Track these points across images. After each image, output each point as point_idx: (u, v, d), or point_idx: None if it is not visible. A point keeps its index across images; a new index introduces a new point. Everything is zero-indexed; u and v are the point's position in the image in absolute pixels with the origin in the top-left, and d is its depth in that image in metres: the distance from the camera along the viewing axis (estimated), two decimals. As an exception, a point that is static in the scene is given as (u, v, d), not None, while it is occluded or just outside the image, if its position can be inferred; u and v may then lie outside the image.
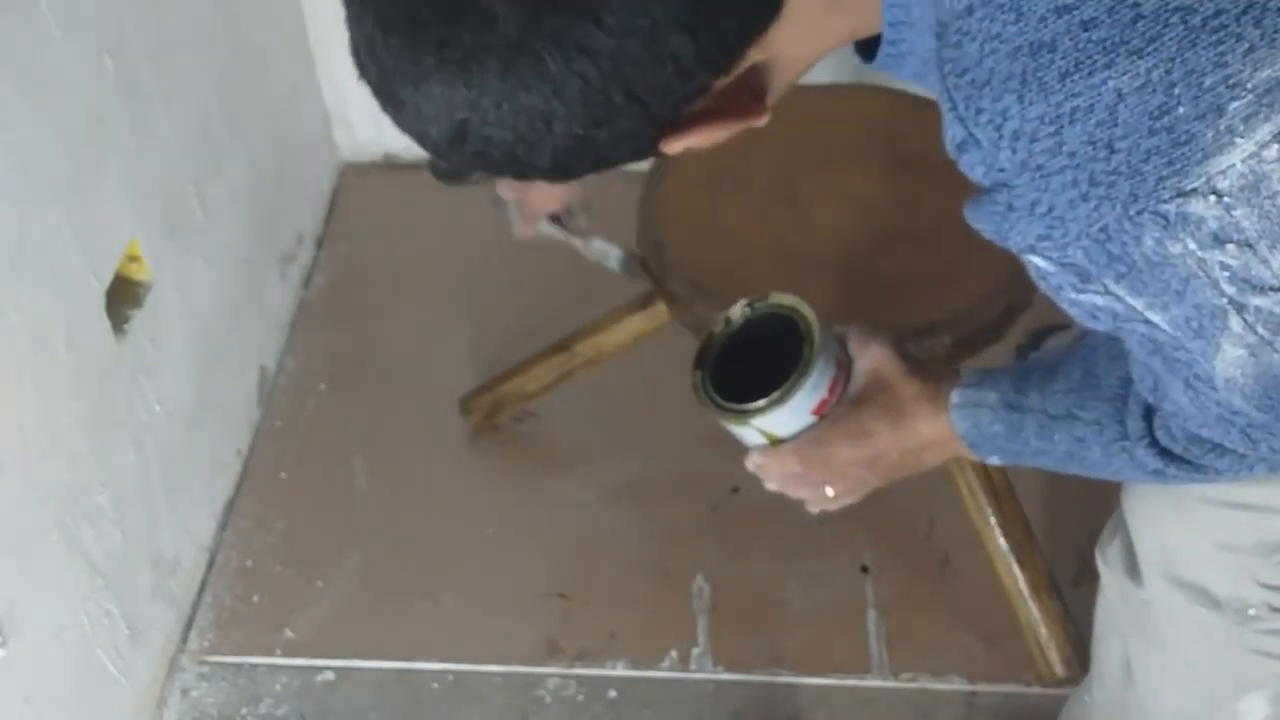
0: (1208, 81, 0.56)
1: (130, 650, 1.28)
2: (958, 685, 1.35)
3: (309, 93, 1.85)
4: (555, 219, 1.30)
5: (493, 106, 0.62)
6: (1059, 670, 1.29)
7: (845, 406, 0.91)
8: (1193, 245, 0.59)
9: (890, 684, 1.35)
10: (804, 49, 0.68)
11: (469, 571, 1.45)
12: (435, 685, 1.36)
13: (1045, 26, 0.58)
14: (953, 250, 1.22)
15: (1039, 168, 0.60)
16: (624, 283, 1.34)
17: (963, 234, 1.22)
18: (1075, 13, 0.57)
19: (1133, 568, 0.96)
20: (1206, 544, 0.89)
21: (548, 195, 1.26)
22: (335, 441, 1.59)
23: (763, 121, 0.69)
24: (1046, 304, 0.71)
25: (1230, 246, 0.59)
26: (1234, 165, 0.57)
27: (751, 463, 0.94)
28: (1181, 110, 0.57)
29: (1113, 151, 0.58)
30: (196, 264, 1.42)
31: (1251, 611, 0.90)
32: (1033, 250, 0.64)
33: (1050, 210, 0.61)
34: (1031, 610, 1.28)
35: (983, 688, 1.35)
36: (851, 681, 1.36)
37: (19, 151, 1.07)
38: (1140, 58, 0.57)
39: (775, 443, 0.91)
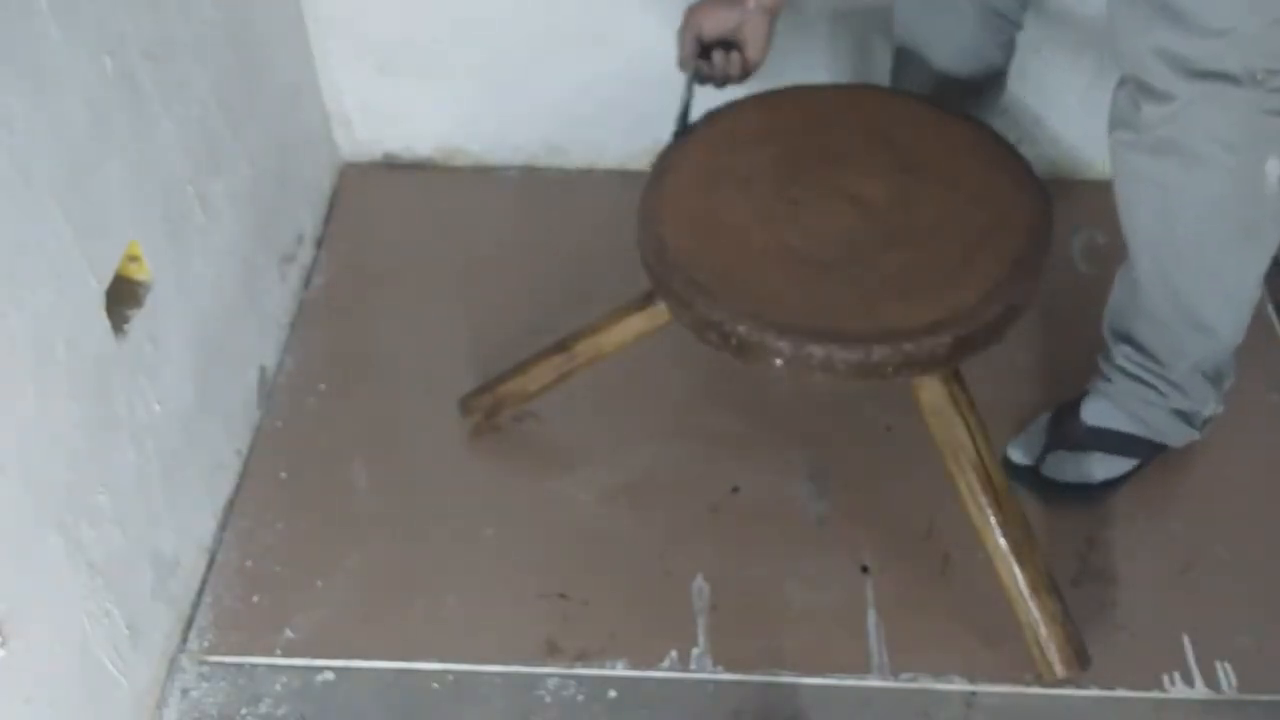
0: None
1: (130, 650, 1.28)
2: (958, 685, 1.35)
3: (309, 93, 1.85)
4: (705, 54, 1.34)
5: None
6: (1059, 670, 1.29)
7: None
8: None
9: (890, 684, 1.35)
10: None
11: (469, 571, 1.45)
12: (435, 685, 1.36)
13: None
14: (953, 250, 1.22)
15: None
16: (624, 283, 1.34)
17: (963, 234, 1.23)
18: None
19: (1153, 97, 1.18)
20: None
21: (705, 20, 1.33)
22: (335, 441, 1.59)
23: None
24: (1047, 304, 0.71)
25: None
26: None
27: None
28: None
29: None
30: (196, 264, 1.42)
31: (1259, 76, 1.14)
32: None
33: None
34: (1031, 610, 1.28)
35: (983, 688, 1.35)
36: (851, 681, 1.36)
37: (19, 151, 1.07)
38: None
39: None
